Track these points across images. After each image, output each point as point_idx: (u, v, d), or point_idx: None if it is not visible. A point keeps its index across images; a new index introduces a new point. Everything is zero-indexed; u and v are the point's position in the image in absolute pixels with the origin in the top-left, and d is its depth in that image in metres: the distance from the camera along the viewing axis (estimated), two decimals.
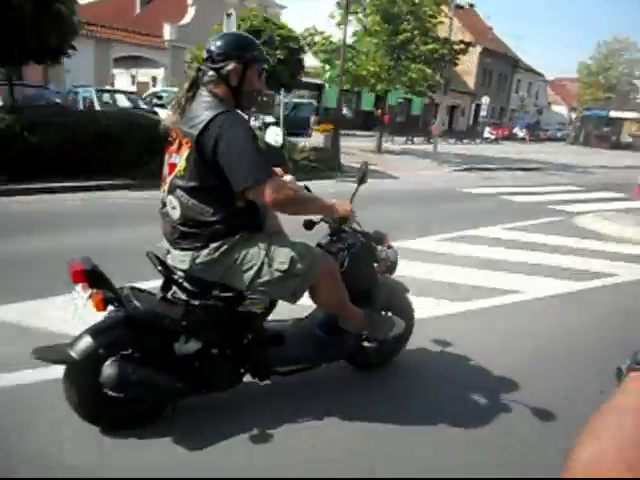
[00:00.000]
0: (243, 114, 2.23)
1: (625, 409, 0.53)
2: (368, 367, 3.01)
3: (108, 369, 2.09)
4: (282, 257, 2.21)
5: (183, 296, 2.25)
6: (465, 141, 33.18)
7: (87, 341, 2.11)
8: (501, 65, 49.01)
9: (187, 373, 2.29)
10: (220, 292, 2.26)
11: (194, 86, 2.19)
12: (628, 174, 16.13)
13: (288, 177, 2.50)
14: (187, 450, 2.24)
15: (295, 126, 18.03)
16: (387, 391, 2.86)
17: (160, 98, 16.58)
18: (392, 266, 2.73)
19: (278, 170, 2.47)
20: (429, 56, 16.83)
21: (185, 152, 2.10)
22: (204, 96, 2.15)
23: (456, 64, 19.49)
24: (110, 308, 2.19)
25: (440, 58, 17.18)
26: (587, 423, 0.54)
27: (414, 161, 17.71)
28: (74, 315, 2.74)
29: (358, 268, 2.55)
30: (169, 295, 2.28)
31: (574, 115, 50.84)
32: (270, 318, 2.57)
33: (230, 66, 2.14)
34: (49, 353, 2.13)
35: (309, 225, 2.61)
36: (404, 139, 29.57)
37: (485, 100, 42.00)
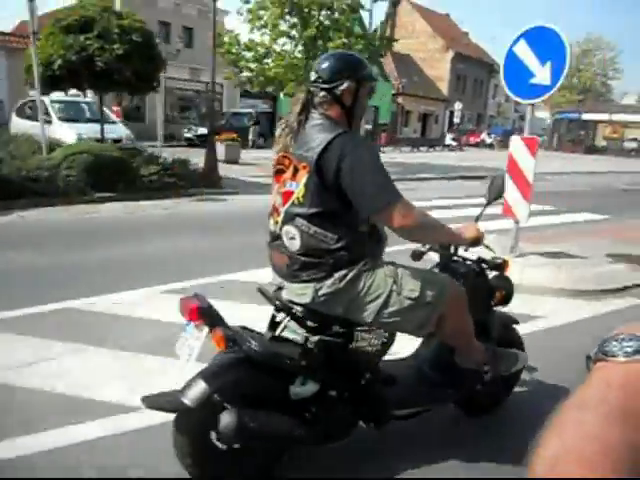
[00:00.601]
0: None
1: (587, 404, 0.51)
2: (478, 412, 2.74)
3: (226, 417, 1.88)
4: (411, 284, 2.07)
5: (294, 335, 2.11)
6: (423, 149, 31.17)
7: (201, 386, 1.90)
8: (476, 70, 47.42)
9: (303, 419, 2.07)
10: (340, 327, 2.10)
11: (306, 109, 2.06)
12: (584, 180, 14.41)
13: None
14: None
15: None
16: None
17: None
18: (507, 296, 2.57)
19: None
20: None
21: (303, 177, 1.98)
22: (316, 119, 2.04)
23: (379, 61, 17.55)
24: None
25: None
26: (552, 420, 0.51)
27: None
28: (189, 357, 2.02)
29: (474, 299, 2.26)
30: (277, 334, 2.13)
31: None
32: None
33: (344, 85, 2.03)
34: (159, 401, 1.98)
35: (418, 255, 2.54)
36: None
37: (457, 106, 40.26)
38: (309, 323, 2.07)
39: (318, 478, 1.95)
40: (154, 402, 1.96)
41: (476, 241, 2.24)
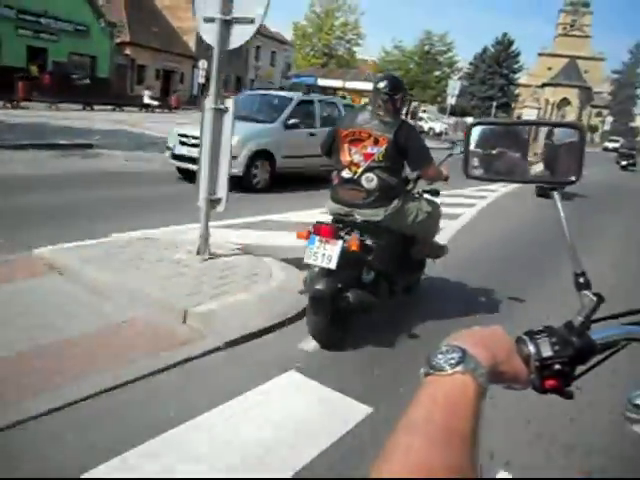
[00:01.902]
0: None
1: (415, 426, 0.53)
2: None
3: (352, 294, 3.31)
4: (425, 206, 3.80)
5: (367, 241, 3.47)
6: (109, 108, 24.90)
7: (329, 280, 3.26)
8: None
9: (370, 291, 3.50)
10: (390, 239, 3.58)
11: (377, 105, 3.56)
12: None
13: None
14: None
15: None
16: None
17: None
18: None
19: None
20: None
21: (383, 145, 3.42)
22: (384, 111, 3.53)
23: None
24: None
25: None
26: (385, 444, 0.52)
27: None
28: (330, 261, 3.20)
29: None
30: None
31: None
32: None
33: (398, 95, 3.59)
34: (306, 290, 3.42)
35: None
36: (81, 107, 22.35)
37: (202, 64, 35.35)
38: (372, 235, 3.48)
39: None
40: (304, 291, 3.46)
41: (446, 178, 3.87)
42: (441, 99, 31.87)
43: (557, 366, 0.70)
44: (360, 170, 3.44)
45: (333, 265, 3.19)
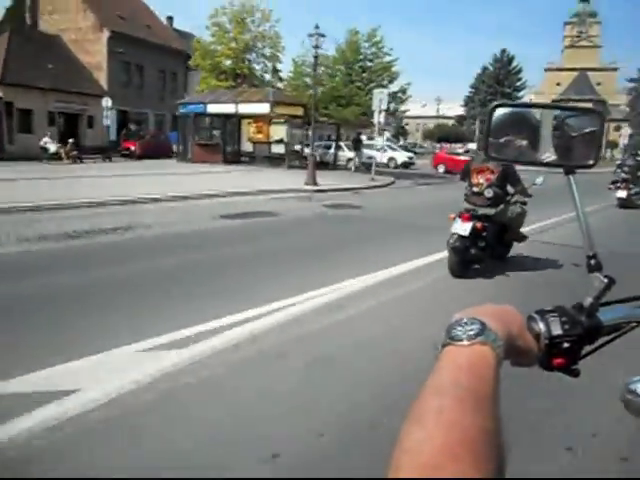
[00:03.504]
0: None
1: (443, 389, 0.55)
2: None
3: (473, 251, 6.29)
4: (517, 209, 6.60)
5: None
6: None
7: (462, 241, 6.16)
8: (161, 58, 37.03)
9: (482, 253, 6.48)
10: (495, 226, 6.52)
11: None
12: None
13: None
14: None
15: None
16: None
17: None
18: None
19: None
20: None
21: (495, 175, 6.40)
22: None
23: None
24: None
25: None
26: (412, 408, 0.54)
27: None
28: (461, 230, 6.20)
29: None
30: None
31: None
32: None
33: None
34: (450, 245, 6.25)
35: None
36: None
37: (106, 102, 29.23)
38: (487, 222, 6.35)
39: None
40: (449, 244, 6.30)
41: (530, 195, 7.03)
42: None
43: (566, 344, 0.72)
44: (483, 187, 6.45)
45: (466, 233, 6.11)
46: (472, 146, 60.79)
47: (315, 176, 16.70)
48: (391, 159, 31.06)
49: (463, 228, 6.07)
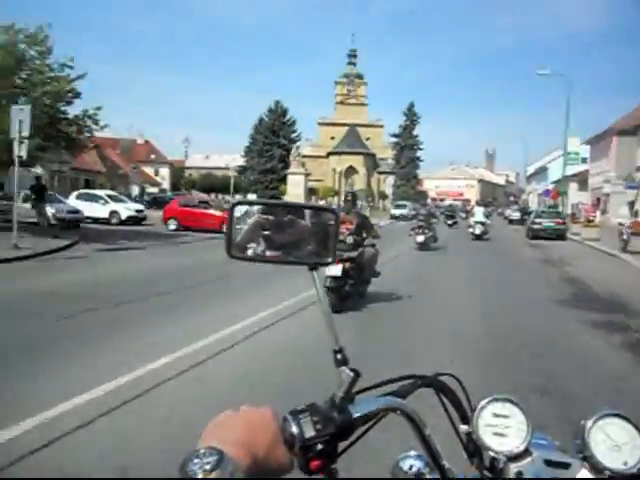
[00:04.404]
0: None
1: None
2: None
3: (345, 288, 7.67)
4: (372, 250, 8.18)
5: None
6: None
7: (336, 281, 7.37)
8: None
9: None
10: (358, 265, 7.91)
11: (349, 203, 8.63)
12: None
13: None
14: None
15: None
16: None
17: None
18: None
19: None
20: None
21: (354, 225, 7.97)
22: (351, 207, 8.59)
23: None
24: None
25: None
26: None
27: None
28: (334, 271, 7.33)
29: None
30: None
31: None
32: None
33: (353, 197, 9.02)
34: (326, 284, 7.35)
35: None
36: None
37: None
38: (351, 263, 7.67)
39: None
40: (325, 285, 7.14)
41: (378, 237, 9.17)
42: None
43: (320, 446, 0.71)
44: (346, 235, 7.68)
45: (339, 274, 7.21)
46: (252, 196, 56.45)
47: None
48: (114, 213, 23.80)
49: (335, 270, 7.13)
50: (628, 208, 32.21)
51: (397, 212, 46.98)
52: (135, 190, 70.56)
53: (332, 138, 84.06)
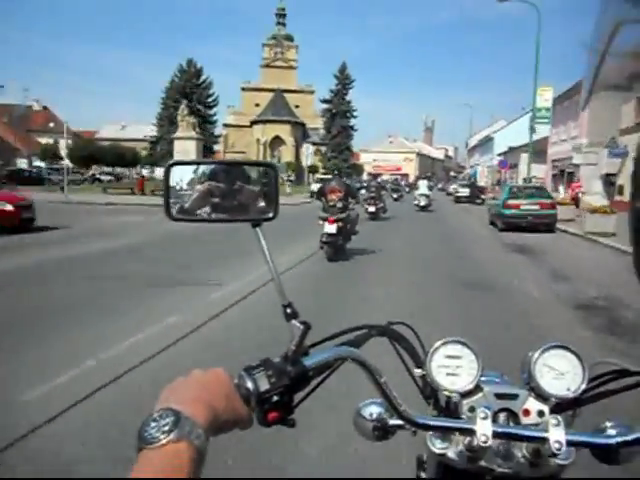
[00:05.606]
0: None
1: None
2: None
3: (338, 242, 10.51)
4: (355, 212, 11.32)
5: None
6: None
7: (332, 236, 10.06)
8: None
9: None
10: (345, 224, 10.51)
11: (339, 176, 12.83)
12: None
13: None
14: None
15: None
16: None
17: None
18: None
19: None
20: None
21: (342, 193, 10.53)
22: (340, 178, 12.66)
23: None
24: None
25: None
26: None
27: None
28: (329, 229, 10.20)
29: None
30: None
31: None
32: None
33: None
34: (323, 239, 10.31)
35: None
36: None
37: None
38: (342, 222, 10.22)
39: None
40: (321, 240, 10.24)
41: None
42: None
43: (275, 397, 0.73)
44: (336, 200, 10.15)
45: (334, 231, 9.70)
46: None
47: None
48: None
49: (332, 228, 9.71)
50: (602, 183, 25.27)
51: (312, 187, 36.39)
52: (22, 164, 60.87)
53: (257, 105, 74.80)
